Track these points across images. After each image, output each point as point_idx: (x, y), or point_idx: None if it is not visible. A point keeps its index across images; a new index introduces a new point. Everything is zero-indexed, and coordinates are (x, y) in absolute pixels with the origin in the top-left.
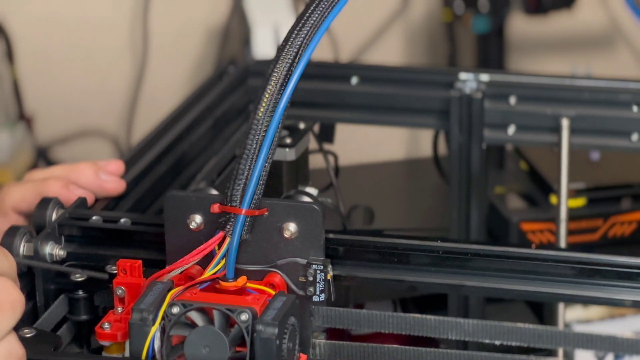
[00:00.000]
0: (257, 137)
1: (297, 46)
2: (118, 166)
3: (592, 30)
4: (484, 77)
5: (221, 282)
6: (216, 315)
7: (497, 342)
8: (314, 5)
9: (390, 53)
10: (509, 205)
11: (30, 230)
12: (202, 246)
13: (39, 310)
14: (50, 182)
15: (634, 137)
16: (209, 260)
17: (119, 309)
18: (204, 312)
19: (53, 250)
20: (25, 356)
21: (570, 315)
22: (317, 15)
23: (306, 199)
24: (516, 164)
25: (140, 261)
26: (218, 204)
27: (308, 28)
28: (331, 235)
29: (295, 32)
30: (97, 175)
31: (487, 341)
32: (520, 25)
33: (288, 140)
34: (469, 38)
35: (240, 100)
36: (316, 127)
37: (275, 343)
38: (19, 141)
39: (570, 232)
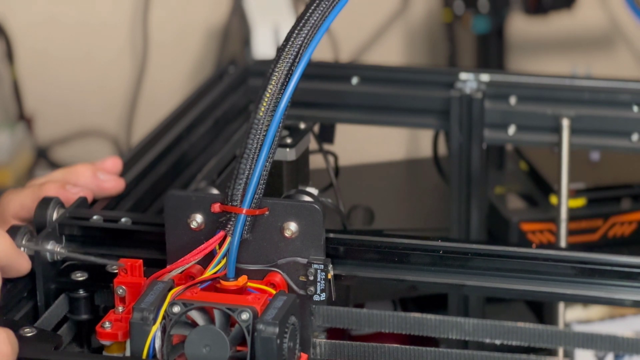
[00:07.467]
0: (257, 136)
1: (298, 46)
2: (115, 163)
3: (592, 30)
4: (484, 77)
5: (222, 281)
6: (217, 314)
7: (498, 342)
8: (315, 5)
9: (390, 53)
10: (509, 206)
11: (30, 230)
12: (202, 245)
13: (40, 309)
14: (48, 185)
15: (634, 137)
16: (210, 260)
17: (120, 309)
18: (205, 311)
19: (54, 249)
20: None
21: (570, 315)
22: (317, 15)
23: (307, 198)
24: (516, 164)
25: (141, 260)
26: (219, 204)
27: (309, 28)
28: (332, 235)
29: (296, 32)
30: (95, 176)
31: (487, 341)
32: (520, 25)
33: (288, 140)
34: (469, 38)
35: (241, 100)
36: (316, 128)
37: (276, 342)
38: (19, 141)
39: (570, 232)
